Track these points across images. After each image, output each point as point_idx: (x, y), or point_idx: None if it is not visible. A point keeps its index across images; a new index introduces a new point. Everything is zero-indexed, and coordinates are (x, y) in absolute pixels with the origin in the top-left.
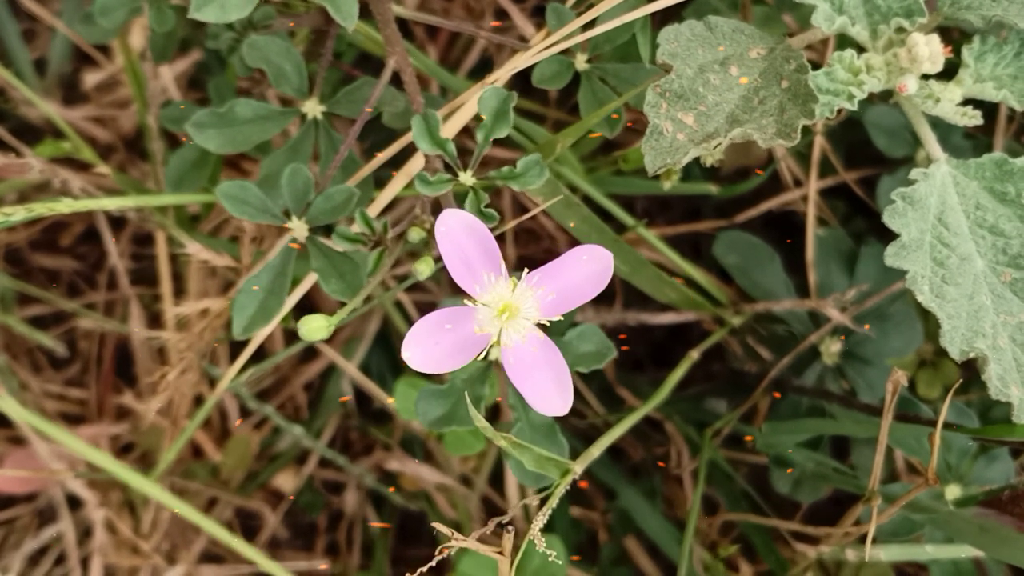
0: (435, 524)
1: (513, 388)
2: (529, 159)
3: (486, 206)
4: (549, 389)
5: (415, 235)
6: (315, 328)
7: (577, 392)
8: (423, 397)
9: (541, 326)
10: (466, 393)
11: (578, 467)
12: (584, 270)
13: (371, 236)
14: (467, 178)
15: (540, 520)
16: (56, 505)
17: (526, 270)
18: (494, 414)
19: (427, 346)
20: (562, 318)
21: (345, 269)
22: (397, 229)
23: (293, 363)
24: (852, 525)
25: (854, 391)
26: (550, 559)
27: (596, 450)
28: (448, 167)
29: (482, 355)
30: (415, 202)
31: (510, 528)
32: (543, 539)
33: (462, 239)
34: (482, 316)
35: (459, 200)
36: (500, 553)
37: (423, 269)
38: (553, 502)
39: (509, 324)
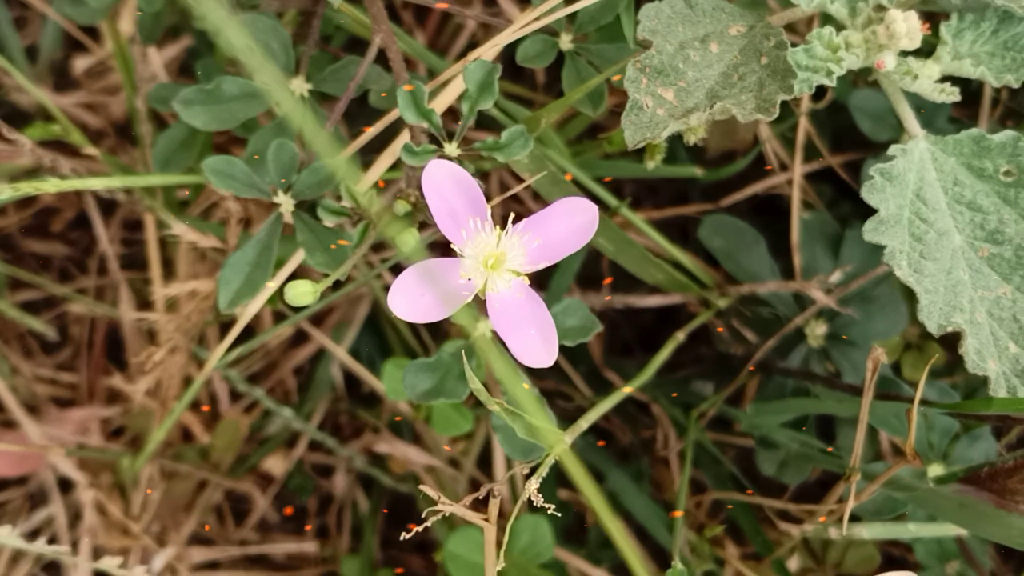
0: (422, 487)
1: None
2: (513, 130)
3: None
4: (534, 340)
5: (400, 207)
6: (301, 293)
7: (564, 374)
8: (411, 371)
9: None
10: (465, 359)
11: (568, 437)
12: (569, 222)
13: (356, 210)
14: (452, 149)
15: (534, 483)
16: (47, 488)
17: (512, 215)
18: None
19: (413, 296)
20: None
21: (330, 242)
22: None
23: (283, 347)
24: (834, 503)
25: (839, 373)
26: (549, 512)
27: (584, 423)
28: (433, 139)
29: (469, 300)
30: (400, 184)
31: (496, 493)
32: (529, 517)
33: (448, 189)
34: (468, 265)
35: None
36: (487, 520)
37: (408, 239)
38: (543, 470)
39: (494, 273)
